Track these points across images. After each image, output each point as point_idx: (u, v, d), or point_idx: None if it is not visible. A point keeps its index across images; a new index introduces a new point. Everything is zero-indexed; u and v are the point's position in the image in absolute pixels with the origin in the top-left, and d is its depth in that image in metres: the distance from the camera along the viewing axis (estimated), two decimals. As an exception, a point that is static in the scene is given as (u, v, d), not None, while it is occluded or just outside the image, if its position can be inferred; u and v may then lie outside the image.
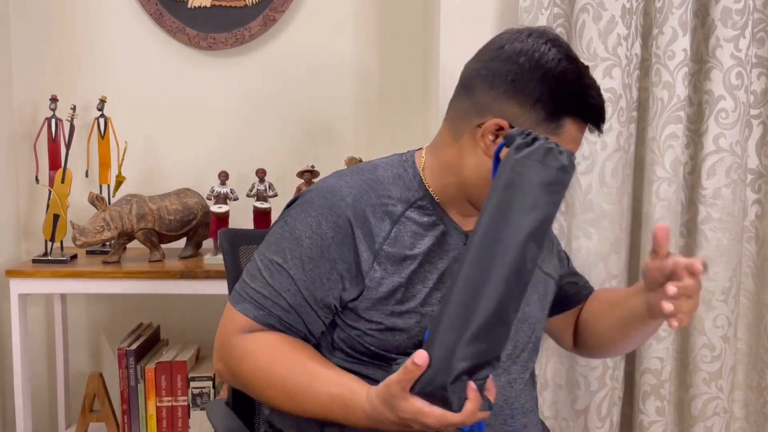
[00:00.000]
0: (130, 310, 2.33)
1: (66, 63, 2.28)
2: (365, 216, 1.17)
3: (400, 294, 1.16)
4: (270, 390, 1.15)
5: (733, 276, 1.90)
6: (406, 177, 1.23)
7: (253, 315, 1.17)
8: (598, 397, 1.92)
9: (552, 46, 1.16)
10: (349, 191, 1.19)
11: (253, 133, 2.32)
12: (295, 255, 1.17)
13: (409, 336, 1.16)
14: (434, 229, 1.21)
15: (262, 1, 2.24)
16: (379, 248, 1.17)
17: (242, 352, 1.16)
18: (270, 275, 1.18)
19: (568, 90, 1.15)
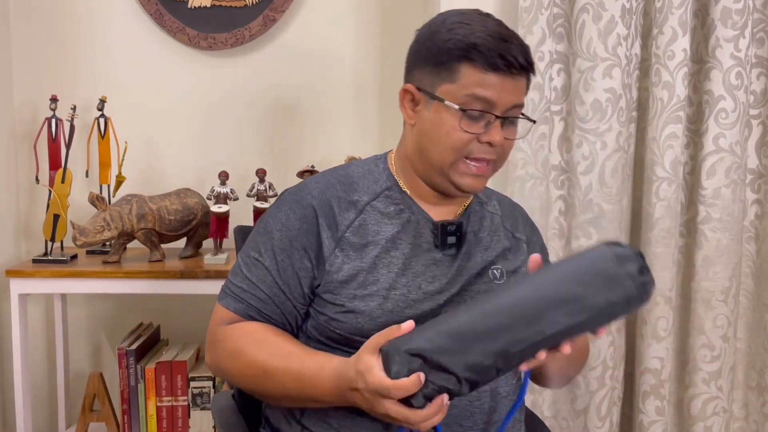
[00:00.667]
0: (130, 310, 2.33)
1: (66, 63, 2.28)
2: (330, 206, 1.25)
3: (362, 278, 1.21)
4: (249, 372, 1.20)
5: (733, 276, 1.90)
6: (376, 171, 1.30)
7: (233, 308, 1.25)
8: (597, 397, 1.92)
9: (446, 12, 1.24)
10: (316, 186, 1.28)
11: (253, 133, 2.32)
12: (268, 248, 1.25)
13: (371, 318, 1.20)
14: (400, 217, 1.26)
15: (262, 1, 2.24)
16: (342, 236, 1.23)
17: (223, 339, 1.24)
18: (248, 270, 1.25)
19: (450, 37, 1.19)
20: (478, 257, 1.28)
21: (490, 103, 1.18)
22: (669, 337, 1.92)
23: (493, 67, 1.17)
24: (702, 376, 1.92)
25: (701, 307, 1.91)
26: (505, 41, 1.18)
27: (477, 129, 1.19)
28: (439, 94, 1.20)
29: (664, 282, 1.88)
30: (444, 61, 1.19)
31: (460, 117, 1.18)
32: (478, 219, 1.32)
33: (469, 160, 1.21)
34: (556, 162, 1.91)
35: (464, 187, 1.23)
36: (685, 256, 1.96)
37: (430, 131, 1.22)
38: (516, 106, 1.22)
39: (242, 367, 1.21)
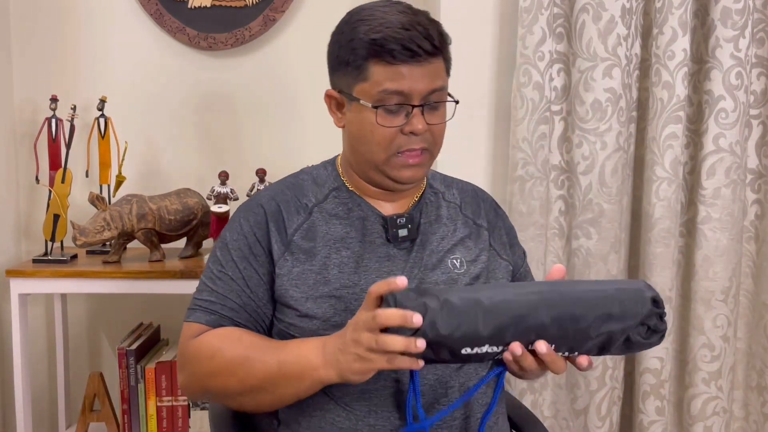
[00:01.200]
0: (130, 310, 2.33)
1: (66, 63, 2.28)
2: (279, 211, 1.26)
3: (312, 280, 1.22)
4: (228, 366, 1.17)
5: (733, 276, 1.90)
6: (324, 174, 1.32)
7: (204, 320, 1.23)
8: (597, 397, 1.92)
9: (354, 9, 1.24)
10: (266, 194, 1.30)
11: (253, 133, 2.31)
12: (229, 259, 1.25)
13: (325, 320, 1.20)
14: (350, 216, 1.27)
15: (262, 1, 2.24)
16: (290, 240, 1.25)
17: (196, 347, 1.21)
18: (213, 284, 1.25)
19: (353, 37, 1.20)
20: (434, 246, 1.28)
21: (404, 94, 1.19)
22: (669, 337, 1.92)
23: (399, 60, 1.17)
24: (702, 376, 1.92)
25: (701, 307, 1.91)
26: (408, 30, 1.17)
27: (398, 122, 1.20)
28: (356, 94, 1.21)
29: (664, 282, 1.88)
30: (352, 62, 1.20)
31: (377, 114, 1.19)
32: (434, 209, 1.32)
33: (401, 153, 1.22)
34: (556, 162, 1.91)
35: (402, 179, 1.24)
36: (685, 256, 1.96)
37: (357, 132, 1.24)
38: (434, 90, 1.21)
39: (222, 364, 1.18)
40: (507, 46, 1.91)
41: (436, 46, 1.19)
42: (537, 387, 1.92)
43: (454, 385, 1.22)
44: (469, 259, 1.29)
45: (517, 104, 1.86)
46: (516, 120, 1.86)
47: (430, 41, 1.18)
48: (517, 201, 1.88)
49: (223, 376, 1.18)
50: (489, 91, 1.94)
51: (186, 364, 1.23)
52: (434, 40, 1.19)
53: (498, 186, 1.97)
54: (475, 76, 1.93)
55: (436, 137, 1.25)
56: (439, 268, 1.26)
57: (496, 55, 1.93)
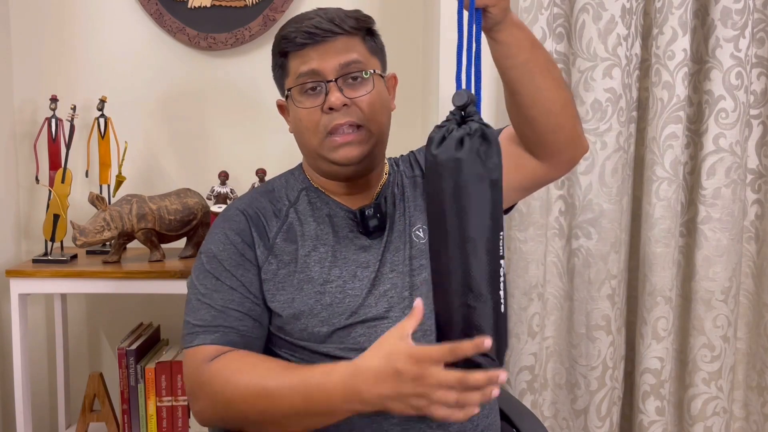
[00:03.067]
0: (130, 310, 2.33)
1: (66, 63, 2.28)
2: (258, 217, 1.29)
3: (296, 279, 1.24)
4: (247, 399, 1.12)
5: (733, 276, 1.90)
6: (292, 178, 1.38)
7: (210, 340, 1.20)
8: (597, 397, 1.92)
9: None
10: (240, 203, 1.33)
11: (253, 133, 2.31)
12: (222, 270, 1.25)
13: (312, 315, 1.21)
14: (320, 213, 1.31)
15: (262, 1, 2.24)
16: (273, 243, 1.27)
17: (211, 375, 1.16)
18: (210, 300, 1.23)
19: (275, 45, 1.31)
20: (400, 226, 1.30)
21: (316, 73, 1.24)
22: (669, 337, 1.92)
23: (302, 45, 1.25)
24: (702, 376, 1.92)
25: (701, 307, 1.91)
26: (310, 18, 1.25)
27: (317, 101, 1.25)
28: (287, 91, 1.30)
29: (664, 282, 1.88)
30: (277, 64, 1.32)
31: (296, 97, 1.26)
32: (392, 190, 1.35)
33: (331, 135, 1.25)
34: (556, 162, 1.91)
35: (340, 159, 1.26)
36: (685, 256, 1.96)
37: (295, 128, 1.31)
38: (348, 64, 1.24)
39: (239, 394, 1.13)
40: (507, 46, 1.91)
41: (340, 27, 1.24)
42: (537, 387, 1.92)
43: None
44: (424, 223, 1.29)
45: (517, 104, 1.85)
46: (516, 120, 1.86)
47: (333, 22, 1.24)
48: (517, 201, 1.88)
49: (242, 408, 1.13)
50: (489, 91, 1.94)
51: (201, 391, 1.17)
52: (336, 20, 1.24)
53: (498, 186, 1.97)
54: (475, 76, 1.93)
55: (365, 111, 1.25)
56: (408, 245, 1.28)
57: (496, 55, 1.93)
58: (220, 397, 1.15)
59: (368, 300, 1.24)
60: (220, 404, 1.15)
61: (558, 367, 1.97)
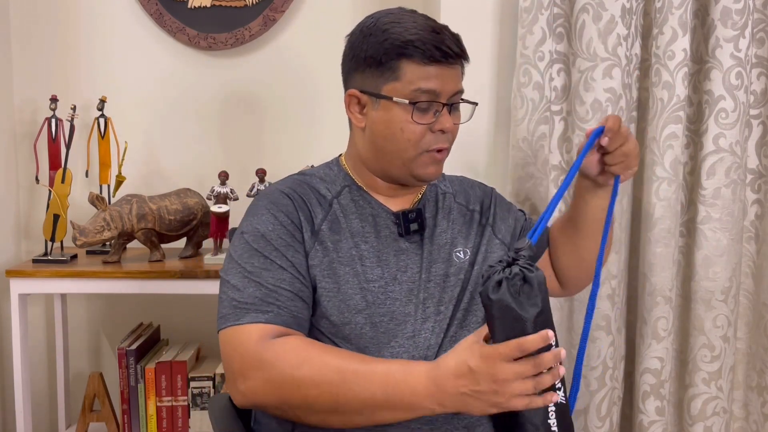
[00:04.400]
0: (130, 310, 2.33)
1: (66, 63, 2.28)
2: (304, 201, 1.28)
3: (342, 271, 1.24)
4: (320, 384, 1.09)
5: (733, 276, 1.90)
6: (332, 173, 1.36)
7: (264, 319, 1.16)
8: (598, 397, 1.92)
9: (375, 15, 1.30)
10: (284, 186, 1.32)
11: (253, 133, 2.32)
12: (272, 249, 1.22)
13: (357, 311, 1.22)
14: (362, 212, 1.31)
15: (262, 1, 2.24)
16: (318, 230, 1.27)
17: (277, 354, 1.12)
18: (258, 278, 1.20)
19: (386, 38, 1.24)
20: (441, 240, 1.34)
21: (435, 93, 1.24)
22: (669, 337, 1.91)
23: (431, 60, 1.23)
24: (702, 376, 1.92)
25: (701, 307, 1.91)
26: (438, 33, 1.25)
27: (428, 119, 1.25)
28: (385, 93, 1.25)
29: (664, 282, 1.88)
30: (384, 61, 1.25)
31: (412, 111, 1.24)
32: (434, 202, 1.38)
33: (429, 152, 1.27)
34: (556, 162, 1.91)
35: (426, 177, 1.30)
36: (685, 256, 1.96)
37: (384, 131, 1.27)
38: (457, 92, 1.28)
39: (311, 378, 1.09)
40: (507, 46, 1.92)
41: (462, 49, 1.27)
42: (537, 387, 1.92)
43: None
44: (468, 246, 1.36)
45: (517, 104, 1.86)
46: (516, 120, 1.86)
47: (458, 45, 1.27)
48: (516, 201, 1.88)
49: (313, 393, 1.10)
50: (489, 91, 1.94)
51: (258, 370, 1.13)
52: (461, 45, 1.28)
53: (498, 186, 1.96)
54: (475, 75, 1.93)
55: (455, 137, 1.32)
56: (447, 261, 1.32)
57: (496, 55, 1.93)
58: (286, 378, 1.10)
59: (408, 307, 1.26)
60: (285, 386, 1.11)
61: (558, 367, 1.97)
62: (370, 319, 1.22)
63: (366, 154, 1.32)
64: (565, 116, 1.90)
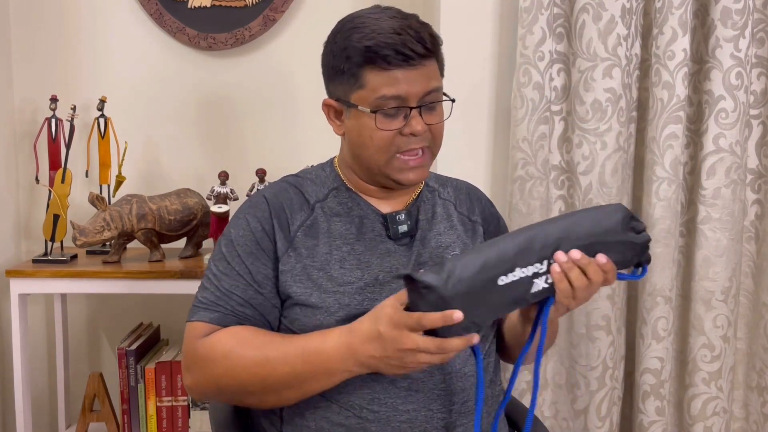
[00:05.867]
0: (130, 310, 2.33)
1: (66, 63, 2.28)
2: (282, 208, 1.28)
3: (315, 276, 1.24)
4: (247, 365, 1.17)
5: (733, 276, 1.90)
6: (323, 175, 1.35)
7: (209, 318, 1.23)
8: (597, 397, 1.92)
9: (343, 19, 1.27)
10: (269, 191, 1.32)
11: (253, 133, 2.31)
12: (235, 255, 1.26)
13: (329, 314, 1.22)
14: (350, 214, 1.30)
15: (262, 1, 2.24)
16: (294, 236, 1.26)
17: (208, 348, 1.20)
18: (217, 280, 1.26)
19: (346, 45, 1.22)
20: (434, 243, 1.31)
21: (401, 98, 1.21)
22: (669, 337, 1.91)
23: (393, 65, 1.19)
24: (702, 376, 1.92)
25: (701, 307, 1.91)
26: (399, 34, 1.19)
27: (397, 124, 1.22)
28: (353, 101, 1.23)
29: (664, 282, 1.88)
30: (347, 70, 1.22)
31: (375, 118, 1.21)
32: (431, 206, 1.35)
33: (402, 154, 1.24)
34: (556, 162, 1.91)
35: (405, 181, 1.26)
36: (685, 256, 1.96)
37: (356, 138, 1.26)
38: (430, 91, 1.23)
39: (239, 364, 1.17)
40: (507, 46, 1.91)
41: (428, 49, 1.21)
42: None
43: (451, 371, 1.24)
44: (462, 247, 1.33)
45: (517, 104, 1.86)
46: (516, 120, 1.86)
47: (422, 44, 1.20)
48: (517, 201, 1.88)
49: (242, 377, 1.17)
50: (489, 91, 1.94)
51: (195, 365, 1.22)
52: (426, 43, 1.21)
53: (498, 186, 1.97)
54: (475, 75, 1.93)
55: (436, 136, 1.27)
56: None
57: (496, 55, 1.93)
58: (219, 369, 1.18)
59: None
60: (219, 376, 1.19)
61: (558, 367, 1.97)
62: (344, 321, 1.20)
63: (350, 160, 1.31)
64: (565, 116, 1.90)
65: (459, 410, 1.23)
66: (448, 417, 1.22)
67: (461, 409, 1.24)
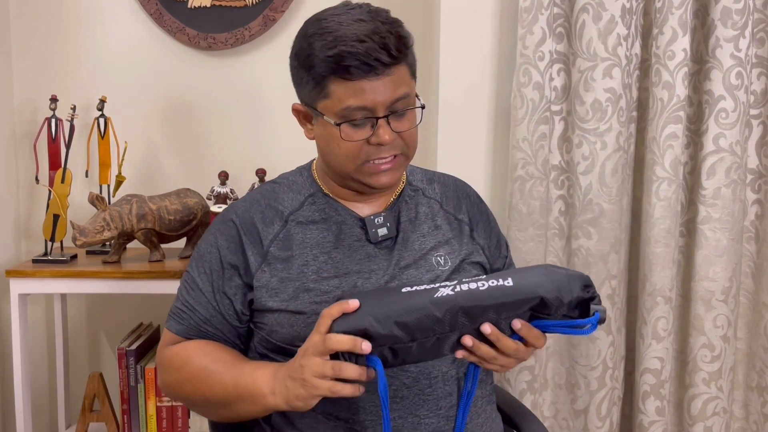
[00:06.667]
0: (130, 310, 2.33)
1: (66, 63, 2.28)
2: (253, 223, 1.26)
3: (292, 288, 1.22)
4: (193, 378, 1.22)
5: (733, 276, 1.90)
6: (300, 181, 1.33)
7: (175, 329, 1.28)
8: (598, 397, 1.92)
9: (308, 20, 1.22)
10: (241, 204, 1.30)
11: (253, 133, 2.31)
12: (202, 271, 1.27)
13: (306, 325, 1.19)
14: (327, 221, 1.27)
15: (262, 1, 2.24)
16: (267, 251, 1.25)
17: (169, 357, 1.27)
18: (187, 292, 1.29)
19: (310, 53, 1.16)
20: (416, 245, 1.28)
21: (367, 109, 1.16)
22: (669, 337, 1.91)
23: (357, 76, 1.13)
24: (702, 376, 1.92)
25: (701, 307, 1.91)
26: (363, 41, 1.13)
27: (363, 134, 1.18)
28: (320, 109, 1.20)
29: (664, 282, 1.88)
30: (311, 78, 1.18)
31: (340, 130, 1.17)
32: (413, 206, 1.32)
33: (371, 162, 1.21)
34: (556, 162, 1.91)
35: (377, 185, 1.23)
36: (685, 256, 1.96)
37: (324, 146, 1.24)
38: (398, 99, 1.18)
39: (187, 378, 1.23)
40: (507, 46, 1.91)
41: (393, 56, 1.15)
42: (537, 387, 1.92)
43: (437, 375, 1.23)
44: (452, 256, 1.29)
45: (517, 104, 1.86)
46: (516, 120, 1.86)
47: (387, 51, 1.14)
48: (517, 201, 1.88)
49: (188, 388, 1.23)
50: (489, 91, 1.94)
51: (161, 369, 1.29)
52: (392, 50, 1.14)
53: (498, 186, 1.97)
54: (475, 75, 1.93)
55: (408, 141, 1.23)
56: (422, 266, 1.26)
57: (496, 55, 1.93)
58: (174, 377, 1.25)
59: None
60: (174, 384, 1.26)
61: (558, 367, 1.97)
62: None
63: (323, 164, 1.29)
64: (565, 116, 1.90)
65: (446, 414, 1.23)
66: (436, 422, 1.22)
67: (448, 413, 1.23)
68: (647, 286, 1.90)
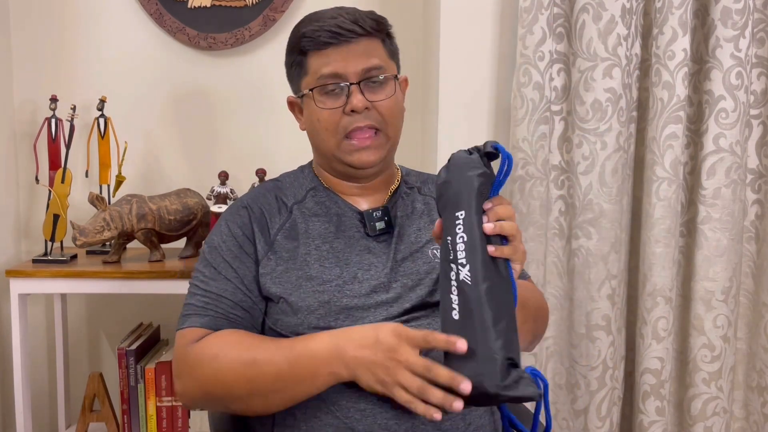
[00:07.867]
0: (130, 310, 2.33)
1: (66, 63, 2.28)
2: (261, 213, 1.31)
3: (295, 276, 1.24)
4: (234, 366, 1.15)
5: (733, 276, 1.90)
6: (301, 176, 1.39)
7: (200, 323, 1.23)
8: (598, 397, 1.92)
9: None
10: (248, 197, 1.36)
11: (253, 132, 2.32)
12: (220, 261, 1.28)
13: (309, 312, 1.22)
14: (328, 214, 1.32)
15: (262, 1, 2.24)
16: (274, 239, 1.28)
17: (198, 351, 1.19)
18: (206, 285, 1.27)
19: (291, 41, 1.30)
20: (412, 238, 1.31)
21: (338, 75, 1.25)
22: (669, 337, 1.91)
23: (326, 44, 1.24)
24: (702, 376, 1.92)
25: (701, 307, 1.91)
26: (334, 18, 1.25)
27: (339, 103, 1.26)
28: (302, 89, 1.30)
29: (664, 282, 1.88)
30: (295, 62, 1.30)
31: (317, 97, 1.26)
32: (410, 202, 1.36)
33: (350, 138, 1.27)
34: (556, 162, 1.91)
35: (357, 163, 1.29)
36: (685, 256, 1.96)
37: (309, 127, 1.32)
38: (371, 68, 1.26)
39: (226, 366, 1.16)
40: (507, 46, 1.92)
41: (363, 28, 1.25)
42: (537, 387, 1.92)
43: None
44: None
45: (517, 104, 1.86)
46: (516, 120, 1.86)
47: (357, 23, 1.24)
48: (517, 201, 1.88)
49: (229, 379, 1.16)
50: (489, 91, 1.94)
51: (185, 370, 1.21)
52: (361, 23, 1.25)
53: (498, 186, 1.97)
54: (475, 75, 1.93)
55: (384, 115, 1.28)
56: (420, 258, 1.29)
57: (496, 55, 1.93)
58: (207, 372, 1.17)
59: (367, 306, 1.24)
60: (207, 379, 1.18)
61: (558, 367, 1.97)
62: (324, 318, 1.22)
63: (315, 154, 1.37)
64: (565, 116, 1.90)
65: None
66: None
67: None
68: (647, 286, 1.90)
